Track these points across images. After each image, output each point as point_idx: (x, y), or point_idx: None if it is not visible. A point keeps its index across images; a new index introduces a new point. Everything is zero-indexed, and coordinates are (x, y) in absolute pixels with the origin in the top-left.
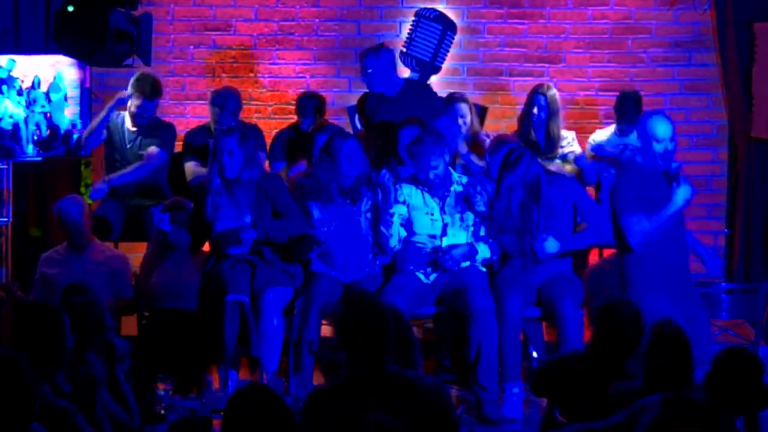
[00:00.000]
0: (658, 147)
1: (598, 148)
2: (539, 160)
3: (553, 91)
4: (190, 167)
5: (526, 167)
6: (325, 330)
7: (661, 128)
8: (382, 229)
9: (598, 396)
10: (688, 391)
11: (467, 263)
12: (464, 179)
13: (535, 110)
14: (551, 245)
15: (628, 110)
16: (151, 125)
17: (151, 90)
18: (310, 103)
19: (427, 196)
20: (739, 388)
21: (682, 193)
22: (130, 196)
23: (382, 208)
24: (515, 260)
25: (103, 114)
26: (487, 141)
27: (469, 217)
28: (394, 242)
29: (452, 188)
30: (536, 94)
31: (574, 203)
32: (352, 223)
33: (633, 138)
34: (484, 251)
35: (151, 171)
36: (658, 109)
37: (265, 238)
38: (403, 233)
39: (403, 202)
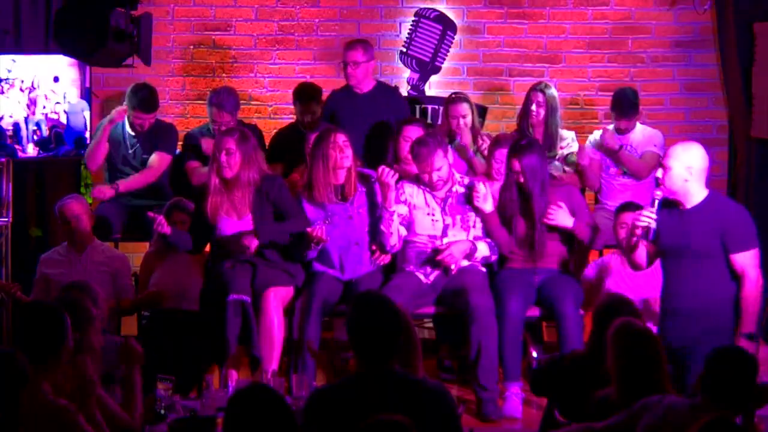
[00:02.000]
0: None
1: (596, 143)
2: None
3: (552, 89)
4: (192, 167)
5: (540, 156)
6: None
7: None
8: (382, 227)
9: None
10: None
11: (467, 262)
12: (466, 180)
13: (534, 108)
14: (564, 218)
15: (625, 108)
16: (151, 129)
17: (147, 103)
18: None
19: (428, 196)
20: (735, 388)
21: None
22: (130, 196)
23: (381, 206)
24: (515, 262)
25: (99, 134)
26: (484, 144)
27: (470, 217)
28: (393, 240)
29: (454, 189)
30: (534, 92)
31: (572, 210)
32: (344, 219)
33: (631, 136)
34: (483, 249)
35: (157, 176)
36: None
37: (268, 242)
38: (403, 232)
39: (405, 202)
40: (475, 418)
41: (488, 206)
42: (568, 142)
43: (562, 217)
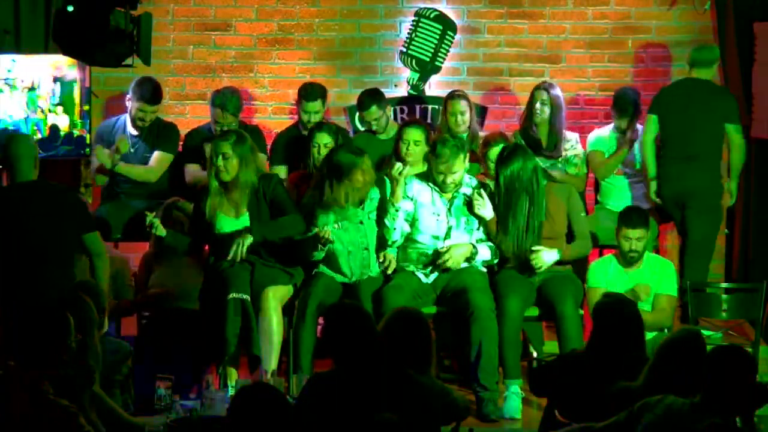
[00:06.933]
0: None
1: (597, 142)
2: (541, 158)
3: (556, 89)
4: (190, 169)
5: (522, 163)
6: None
7: None
8: (386, 222)
9: (598, 396)
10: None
11: (467, 264)
12: (473, 182)
13: (538, 106)
14: (549, 257)
15: (626, 108)
16: (153, 127)
17: (152, 94)
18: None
19: (435, 195)
20: (735, 388)
21: None
22: (130, 197)
23: (388, 201)
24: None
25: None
26: None
27: (474, 219)
28: (396, 236)
29: (461, 190)
30: (539, 91)
31: (567, 212)
32: (355, 223)
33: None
34: (484, 253)
35: (158, 176)
36: None
37: (263, 240)
38: (406, 229)
39: (411, 198)
40: (475, 418)
41: (488, 213)
42: (572, 143)
43: (546, 256)
